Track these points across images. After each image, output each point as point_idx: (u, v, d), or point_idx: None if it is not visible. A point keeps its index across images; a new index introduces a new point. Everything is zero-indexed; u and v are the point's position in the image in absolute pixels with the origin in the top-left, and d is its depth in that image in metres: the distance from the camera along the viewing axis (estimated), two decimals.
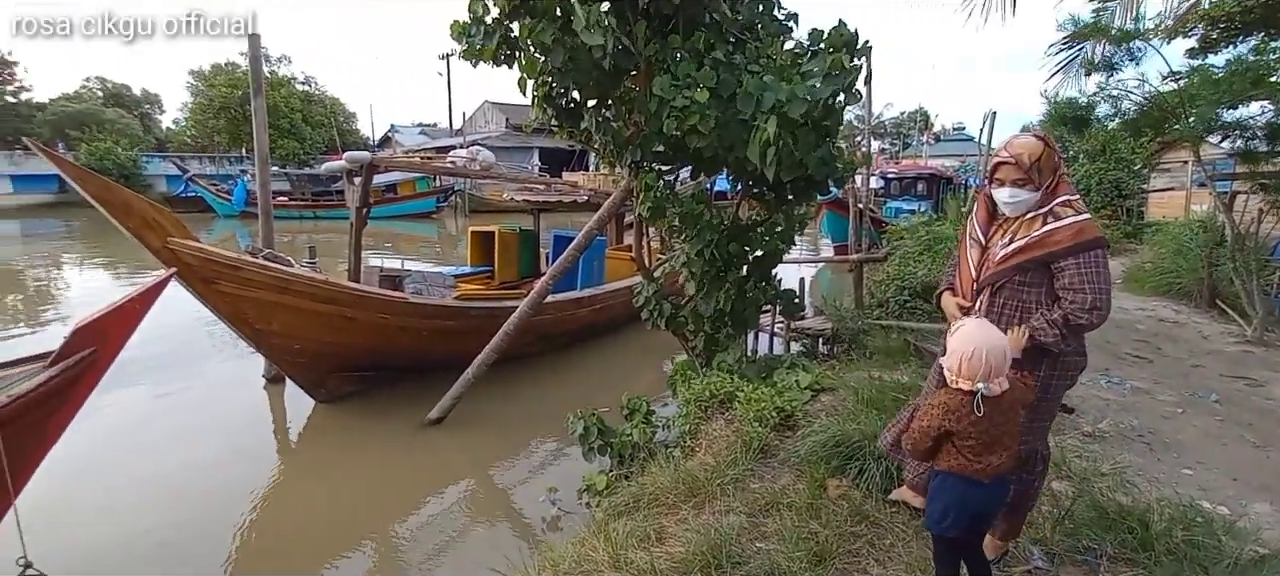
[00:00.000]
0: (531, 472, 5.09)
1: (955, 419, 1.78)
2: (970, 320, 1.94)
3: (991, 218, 2.20)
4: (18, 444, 3.01)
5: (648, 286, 4.84)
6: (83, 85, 45.73)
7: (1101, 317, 1.96)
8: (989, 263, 2.15)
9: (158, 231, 4.26)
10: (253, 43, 5.96)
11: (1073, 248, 1.96)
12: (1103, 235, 2.02)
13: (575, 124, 4.60)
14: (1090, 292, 1.93)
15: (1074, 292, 1.96)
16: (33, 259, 17.01)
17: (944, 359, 1.90)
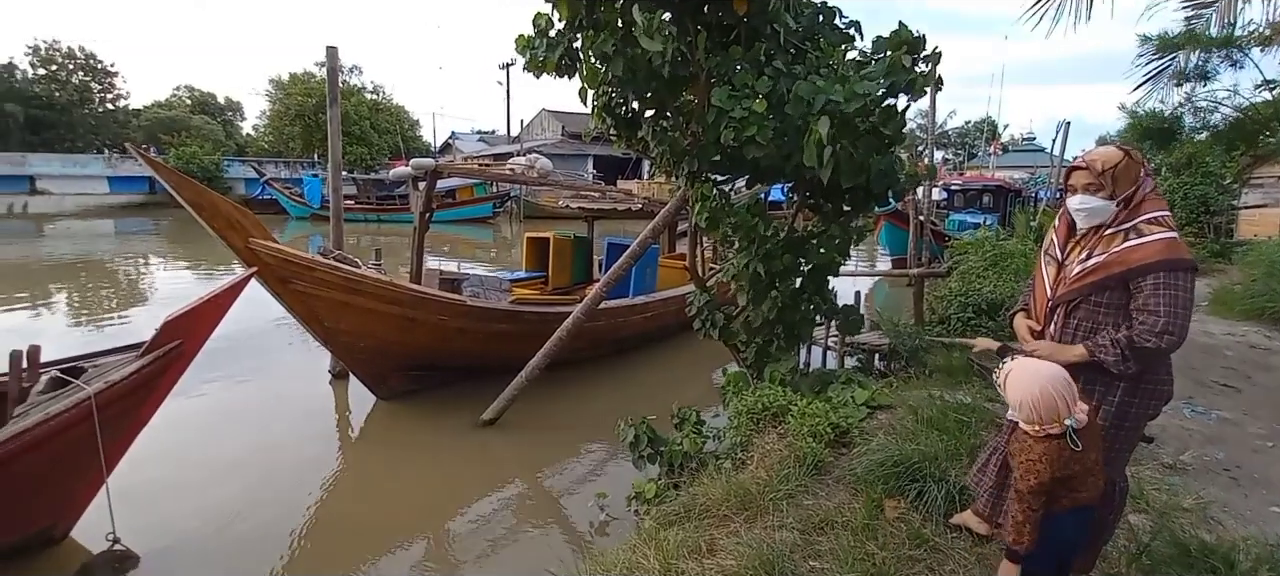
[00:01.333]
0: (580, 477, 5.14)
1: (1062, 465, 1.68)
2: (1015, 361, 1.83)
3: (1071, 234, 2.10)
4: (112, 426, 3.26)
5: (701, 296, 4.83)
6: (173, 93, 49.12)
7: (1172, 343, 1.82)
8: (1064, 280, 2.06)
9: (240, 232, 4.53)
10: (330, 54, 6.29)
11: (1154, 265, 1.84)
12: (1191, 257, 1.90)
13: (633, 133, 4.65)
14: (1164, 314, 1.81)
15: (1146, 313, 1.84)
16: (124, 255, 18.34)
17: (1013, 413, 1.81)
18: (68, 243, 20.65)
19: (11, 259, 16.74)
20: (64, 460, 3.20)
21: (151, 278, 15.05)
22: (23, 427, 2.94)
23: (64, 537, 3.72)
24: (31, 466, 3.09)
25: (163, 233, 23.44)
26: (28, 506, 3.39)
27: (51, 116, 39.48)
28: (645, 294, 7.81)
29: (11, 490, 3.14)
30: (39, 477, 3.23)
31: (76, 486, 3.48)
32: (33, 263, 16.36)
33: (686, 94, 4.49)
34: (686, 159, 4.44)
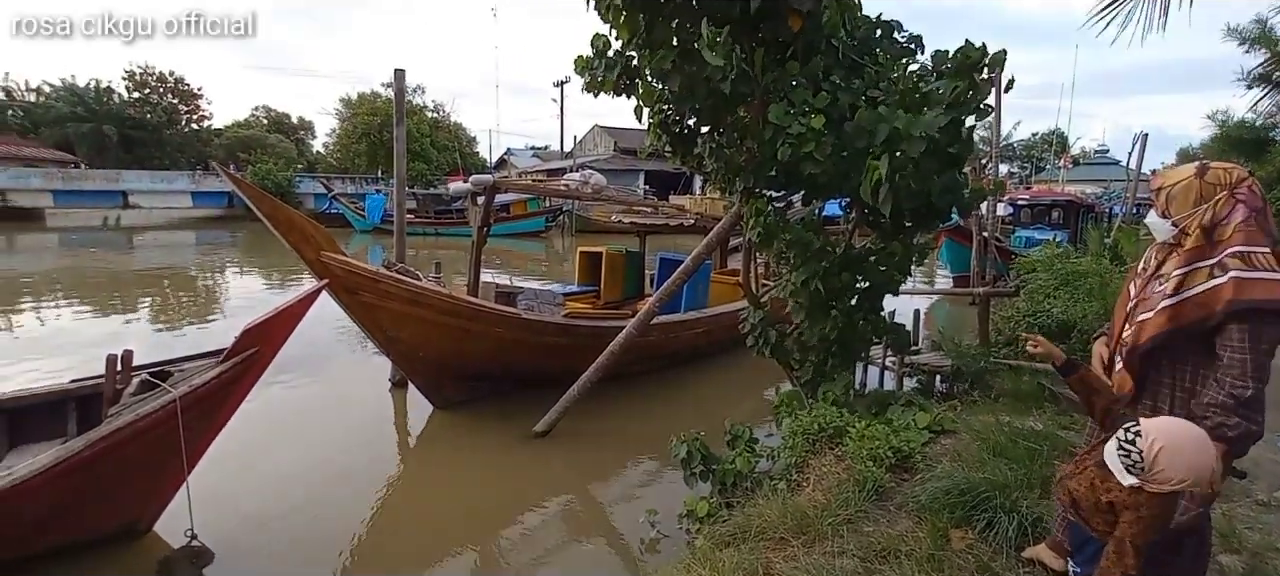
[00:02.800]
0: (631, 491, 5.13)
1: (1164, 522, 1.57)
2: (1165, 424, 1.57)
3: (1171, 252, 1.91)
4: (194, 427, 3.45)
5: (755, 313, 4.78)
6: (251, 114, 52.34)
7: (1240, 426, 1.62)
8: (1146, 298, 1.91)
9: (312, 245, 4.76)
10: (398, 76, 6.57)
11: (1235, 312, 1.64)
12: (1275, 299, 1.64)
13: (689, 150, 4.67)
14: (1247, 373, 1.62)
15: (1230, 371, 1.65)
16: (204, 265, 19.52)
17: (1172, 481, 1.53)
18: (155, 253, 22.14)
19: (105, 268, 18.05)
20: (151, 458, 3.41)
21: (228, 286, 15.96)
22: (116, 426, 3.16)
23: (147, 531, 3.96)
24: (122, 462, 3.31)
25: (238, 244, 24.84)
26: (118, 499, 3.63)
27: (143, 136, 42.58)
28: (697, 309, 7.78)
29: (105, 483, 3.38)
30: (128, 473, 3.45)
31: (161, 483, 3.70)
32: (124, 271, 17.60)
33: (742, 110, 4.48)
34: (742, 175, 4.42)
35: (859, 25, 4.25)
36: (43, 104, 44.00)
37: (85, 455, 3.08)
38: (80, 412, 4.02)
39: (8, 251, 21.80)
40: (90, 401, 3.95)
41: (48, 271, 17.34)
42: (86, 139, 40.94)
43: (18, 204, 31.05)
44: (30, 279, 15.80)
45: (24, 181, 31.82)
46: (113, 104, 42.74)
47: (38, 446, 3.90)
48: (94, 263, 19.11)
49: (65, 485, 3.11)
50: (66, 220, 31.64)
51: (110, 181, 33.55)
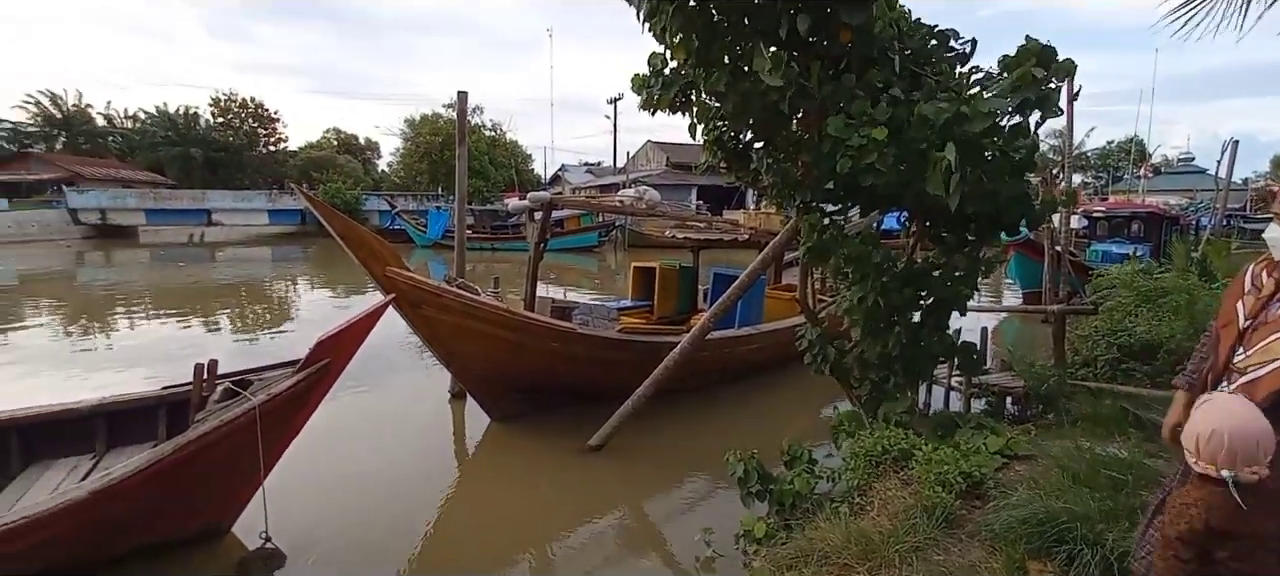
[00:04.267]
0: (684, 508, 5.09)
1: (1222, 519, 1.46)
2: (1222, 394, 1.59)
3: None
4: (271, 434, 3.63)
5: (812, 330, 4.68)
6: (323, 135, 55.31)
7: None
8: (1268, 321, 1.74)
9: (379, 261, 4.97)
10: (460, 98, 6.81)
11: None
12: None
13: (744, 165, 4.65)
14: None
15: None
16: (278, 278, 20.60)
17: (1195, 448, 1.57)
18: (234, 267, 23.54)
19: (190, 281, 19.31)
20: (233, 462, 3.60)
21: (299, 299, 16.78)
22: (202, 431, 3.36)
23: (226, 533, 4.17)
24: (208, 465, 3.51)
25: (309, 258, 26.13)
26: (203, 500, 3.85)
27: (226, 158, 45.61)
28: (751, 325, 7.68)
29: (193, 485, 3.59)
30: (213, 476, 3.66)
31: (240, 486, 3.91)
32: (206, 284, 18.78)
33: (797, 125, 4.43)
34: (798, 189, 4.36)
35: (910, 34, 4.14)
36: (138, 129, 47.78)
37: (176, 458, 3.28)
38: (170, 417, 4.31)
39: (106, 266, 23.61)
40: (179, 407, 4.22)
41: (139, 285, 18.69)
42: (176, 161, 44.16)
43: (115, 222, 33.74)
44: (124, 292, 17.07)
45: (121, 201, 34.56)
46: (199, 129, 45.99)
47: (132, 448, 4.20)
48: (180, 276, 20.49)
49: (157, 486, 3.32)
50: (157, 237, 34.09)
51: (196, 200, 36.05)
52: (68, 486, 3.74)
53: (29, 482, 3.89)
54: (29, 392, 7.44)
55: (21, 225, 31.28)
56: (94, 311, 13.84)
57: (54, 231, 32.00)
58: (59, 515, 3.04)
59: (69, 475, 3.96)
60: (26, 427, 4.14)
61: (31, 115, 44.65)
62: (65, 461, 4.13)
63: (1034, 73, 3.55)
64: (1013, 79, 3.58)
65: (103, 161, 43.61)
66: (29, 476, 3.98)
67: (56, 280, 19.39)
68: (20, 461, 4.09)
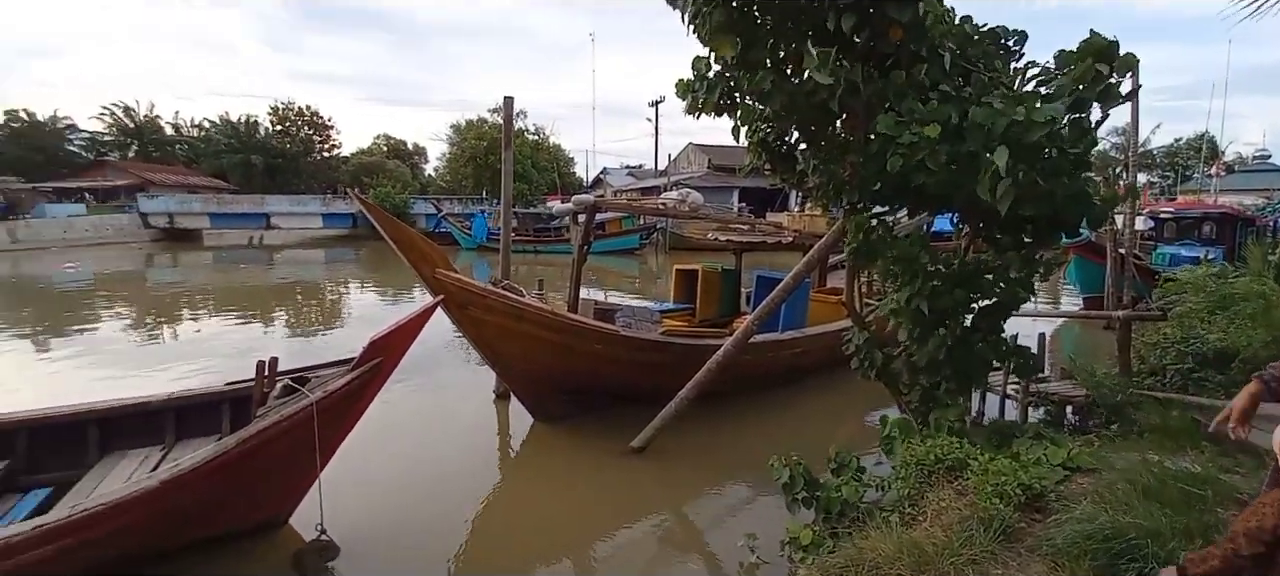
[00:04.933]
0: (726, 512, 5.04)
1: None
2: None
3: None
4: (327, 429, 3.75)
5: (859, 334, 4.57)
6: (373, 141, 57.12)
7: None
8: None
9: (429, 263, 5.10)
10: (506, 103, 6.93)
11: None
12: None
13: (789, 167, 4.59)
14: None
15: None
16: (331, 279, 21.33)
17: None
18: (290, 268, 24.49)
19: (249, 282, 20.19)
20: (291, 456, 3.74)
21: (350, 299, 17.33)
22: (264, 426, 3.50)
23: (284, 524, 4.34)
24: (269, 459, 3.66)
25: (360, 260, 26.98)
26: (263, 493, 4.01)
27: (283, 164, 47.57)
28: (795, 329, 7.56)
29: (254, 477, 3.74)
30: (273, 469, 3.81)
31: (298, 480, 4.05)
32: (264, 285, 19.60)
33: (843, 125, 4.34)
34: (845, 190, 4.27)
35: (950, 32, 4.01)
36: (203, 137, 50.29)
37: (240, 451, 3.43)
38: (233, 412, 4.50)
39: (173, 267, 24.88)
40: (242, 402, 4.41)
41: (203, 285, 19.65)
42: (237, 168, 46.30)
43: (182, 225, 35.62)
44: (190, 291, 17.97)
45: (187, 206, 36.51)
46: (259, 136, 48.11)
47: (199, 441, 4.40)
48: (241, 277, 21.45)
49: (221, 478, 3.47)
50: (220, 239, 35.77)
51: (256, 205, 37.70)
52: (139, 476, 3.94)
53: (105, 471, 4.12)
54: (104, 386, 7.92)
55: (98, 228, 33.26)
56: (162, 310, 14.61)
57: (127, 234, 33.96)
58: (133, 503, 3.21)
59: (140, 465, 4.18)
60: (104, 419, 4.40)
61: (107, 125, 47.54)
62: (137, 452, 4.36)
63: (1097, 69, 3.41)
64: (1074, 77, 3.44)
65: (171, 168, 46.08)
66: (105, 465, 4.22)
67: (128, 281, 20.54)
68: (98, 450, 4.34)
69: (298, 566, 3.91)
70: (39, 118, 43.17)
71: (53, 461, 4.26)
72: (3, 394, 7.82)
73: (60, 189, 38.11)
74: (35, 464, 4.24)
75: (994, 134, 3.30)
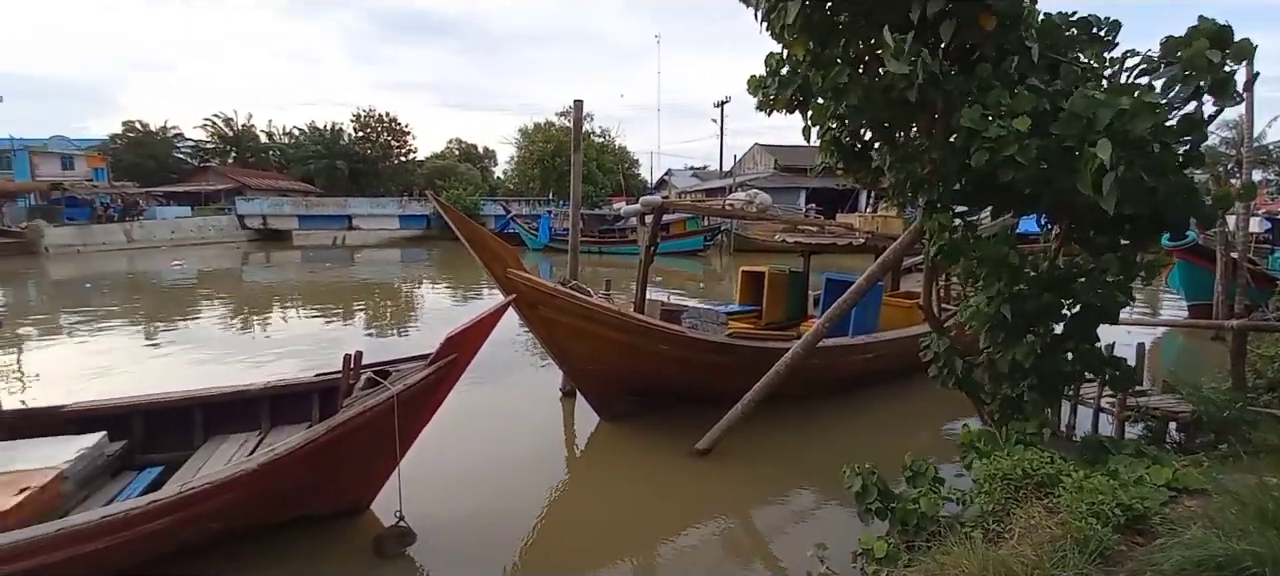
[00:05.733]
0: (793, 519, 4.94)
1: None
2: None
3: None
4: (406, 421, 3.92)
5: (938, 340, 4.38)
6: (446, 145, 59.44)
7: None
8: None
9: (500, 263, 5.25)
10: (576, 106, 7.05)
11: None
12: None
13: (863, 166, 4.45)
14: None
15: None
16: (406, 278, 22.30)
17: None
18: (370, 267, 25.78)
19: (333, 279, 21.38)
20: (374, 445, 3.94)
21: (423, 297, 18.05)
22: (350, 415, 3.71)
23: (365, 510, 4.56)
24: (353, 447, 3.86)
25: (433, 261, 28.08)
26: (348, 479, 4.23)
27: (364, 168, 50.17)
28: (866, 333, 7.33)
29: (340, 463, 3.96)
30: (357, 457, 4.02)
31: (379, 469, 4.27)
32: (347, 282, 20.71)
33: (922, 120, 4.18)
34: (924, 188, 4.10)
35: (1037, 23, 3.77)
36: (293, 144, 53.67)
37: (329, 438, 3.65)
38: (321, 401, 4.79)
39: (266, 265, 26.66)
40: (329, 392, 4.68)
41: (292, 282, 20.97)
42: (323, 172, 49.17)
43: (274, 226, 38.25)
44: (280, 288, 19.21)
45: (279, 208, 39.16)
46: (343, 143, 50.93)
47: (290, 427, 4.71)
48: (325, 275, 22.75)
49: (311, 462, 3.70)
50: (306, 240, 38.11)
51: (339, 207, 40.00)
52: (238, 458, 4.25)
53: (209, 453, 4.47)
54: (205, 374, 8.58)
55: (201, 229, 36.12)
56: (256, 304, 15.71)
57: (226, 235, 36.73)
58: (234, 483, 3.46)
59: (239, 448, 4.50)
60: (208, 405, 4.77)
61: (209, 134, 51.52)
62: (237, 436, 4.70)
63: (1209, 56, 3.13)
64: (1184, 62, 3.17)
65: (265, 173, 49.48)
66: (209, 447, 4.57)
67: (227, 277, 22.19)
68: (203, 433, 4.72)
69: (378, 550, 4.11)
70: (151, 128, 47.37)
71: (164, 442, 4.66)
72: (120, 378, 8.62)
73: (169, 193, 41.55)
74: (149, 444, 4.64)
75: (1095, 125, 3.09)
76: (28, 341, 11.24)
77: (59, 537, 3.14)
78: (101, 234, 30.78)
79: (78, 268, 23.53)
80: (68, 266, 24.09)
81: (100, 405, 4.70)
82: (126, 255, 28.66)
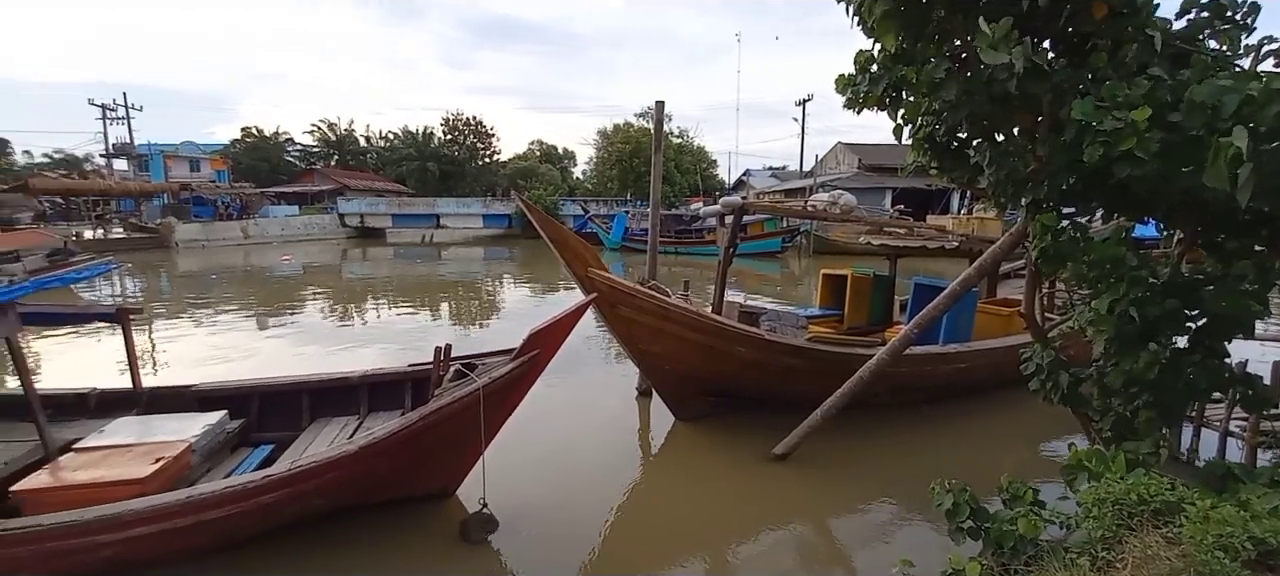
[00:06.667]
0: (874, 532, 4.76)
1: None
2: None
3: None
4: (491, 412, 4.08)
5: (1042, 351, 4.09)
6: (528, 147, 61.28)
7: None
8: None
9: (582, 263, 5.36)
10: (658, 107, 7.08)
11: None
12: None
13: (959, 165, 4.22)
14: None
15: None
16: (489, 276, 23.14)
17: None
18: (455, 264, 26.94)
19: (421, 275, 22.52)
20: (461, 434, 4.13)
21: (504, 294, 18.69)
22: (440, 405, 3.90)
23: (452, 496, 4.78)
24: (443, 435, 4.07)
25: (514, 259, 29.00)
26: (437, 465, 4.46)
27: (452, 169, 52.48)
28: (958, 342, 6.95)
29: (431, 450, 4.18)
30: (445, 444, 4.23)
31: (465, 457, 4.47)
32: (432, 278, 21.75)
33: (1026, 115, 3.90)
34: (1029, 187, 3.84)
35: (1148, 11, 3.42)
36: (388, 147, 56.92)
37: (422, 425, 3.86)
38: (413, 391, 5.07)
39: (362, 261, 28.40)
40: (421, 383, 4.95)
41: (385, 276, 22.25)
42: (414, 173, 51.85)
43: (370, 225, 40.77)
44: (374, 282, 20.45)
45: (375, 208, 41.70)
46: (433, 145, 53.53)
47: (385, 414, 5.01)
48: (415, 271, 24.01)
49: (405, 447, 3.92)
50: (398, 237, 40.34)
51: (428, 206, 42.09)
52: (340, 440, 4.57)
53: (314, 434, 4.83)
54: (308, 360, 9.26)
55: (307, 227, 38.96)
56: (352, 297, 16.78)
57: (328, 232, 39.44)
58: (336, 463, 3.73)
59: (341, 431, 4.84)
60: (314, 389, 5.16)
61: (315, 139, 55.50)
62: (339, 420, 5.05)
63: None
64: None
65: (363, 174, 52.76)
66: (314, 429, 4.94)
67: (328, 272, 23.83)
68: (309, 415, 5.10)
69: (464, 535, 4.30)
70: (265, 133, 51.66)
71: (275, 422, 5.08)
72: (239, 361, 9.46)
73: (280, 193, 45.10)
74: (262, 423, 5.07)
75: (1222, 114, 2.80)
76: (162, 327, 12.53)
77: (187, 504, 3.49)
78: (222, 230, 33.82)
79: (202, 261, 25.99)
80: (194, 259, 26.65)
81: (223, 386, 5.19)
82: (243, 250, 31.38)
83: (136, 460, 3.87)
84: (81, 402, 5.10)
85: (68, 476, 3.73)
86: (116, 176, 40.06)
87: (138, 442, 4.11)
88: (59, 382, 5.27)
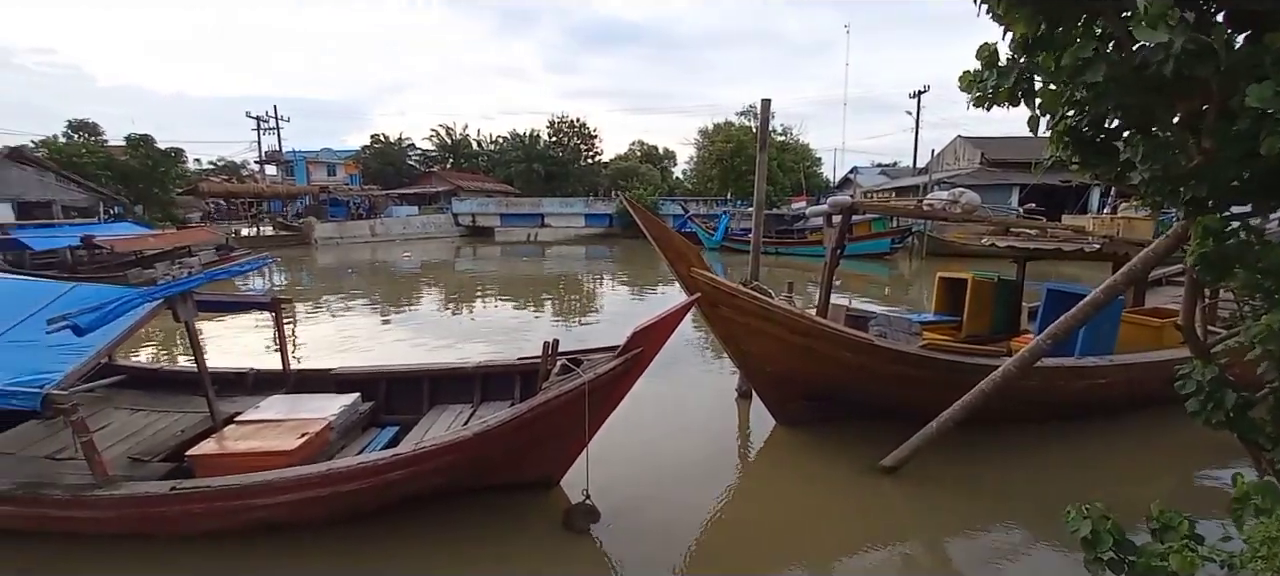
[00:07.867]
0: (995, 556, 4.42)
1: None
2: None
3: None
4: (595, 407, 4.19)
5: (1203, 368, 3.62)
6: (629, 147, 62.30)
7: None
8: None
9: (685, 262, 5.37)
10: (763, 106, 6.96)
11: None
12: None
13: (1105, 159, 3.81)
14: None
15: None
16: (590, 274, 23.76)
17: None
18: (558, 263, 27.89)
19: (527, 272, 23.52)
20: (566, 426, 4.28)
21: (604, 292, 19.11)
22: (548, 397, 4.06)
23: (555, 486, 4.96)
24: (549, 426, 4.23)
25: (614, 257, 29.57)
26: (543, 455, 4.65)
27: (556, 170, 54.40)
28: (1097, 355, 6.28)
29: (538, 440, 4.37)
30: (552, 435, 4.40)
31: (569, 448, 4.62)
32: (538, 275, 22.64)
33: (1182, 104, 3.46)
34: (1189, 183, 3.40)
35: None
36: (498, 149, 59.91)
37: (531, 415, 4.04)
38: (522, 382, 5.32)
39: (473, 258, 30.09)
40: (529, 375, 5.18)
41: (494, 273, 23.47)
42: (521, 175, 54.24)
43: (481, 224, 43.21)
44: (483, 278, 21.61)
45: (485, 208, 44.16)
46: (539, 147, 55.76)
47: (496, 404, 5.29)
48: (520, 268, 25.12)
49: (515, 436, 4.13)
50: (505, 236, 42.37)
51: (534, 206, 43.94)
52: (455, 426, 4.87)
53: (433, 419, 5.19)
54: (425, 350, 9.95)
55: (425, 226, 41.87)
56: (464, 293, 17.83)
57: (443, 231, 42.18)
58: (454, 447, 3.98)
59: (456, 418, 5.16)
60: (433, 377, 5.56)
61: (434, 144, 59.49)
62: (454, 407, 5.39)
63: None
64: None
65: (475, 176, 55.94)
66: (433, 414, 5.31)
67: (443, 268, 25.48)
68: (428, 401, 5.49)
69: (567, 524, 4.45)
70: (391, 139, 56.05)
71: (400, 405, 5.51)
72: (363, 349, 10.35)
73: (402, 195, 48.75)
74: (389, 406, 5.51)
75: None
76: (303, 314, 13.94)
77: (326, 476, 3.86)
78: (353, 228, 37.12)
79: (337, 256, 28.63)
80: (330, 255, 29.41)
81: (357, 371, 5.71)
82: (370, 247, 34.26)
83: (285, 434, 4.34)
84: (241, 380, 5.80)
85: (230, 445, 4.25)
86: (267, 181, 45.02)
87: (286, 418, 4.61)
88: (215, 363, 5.97)
